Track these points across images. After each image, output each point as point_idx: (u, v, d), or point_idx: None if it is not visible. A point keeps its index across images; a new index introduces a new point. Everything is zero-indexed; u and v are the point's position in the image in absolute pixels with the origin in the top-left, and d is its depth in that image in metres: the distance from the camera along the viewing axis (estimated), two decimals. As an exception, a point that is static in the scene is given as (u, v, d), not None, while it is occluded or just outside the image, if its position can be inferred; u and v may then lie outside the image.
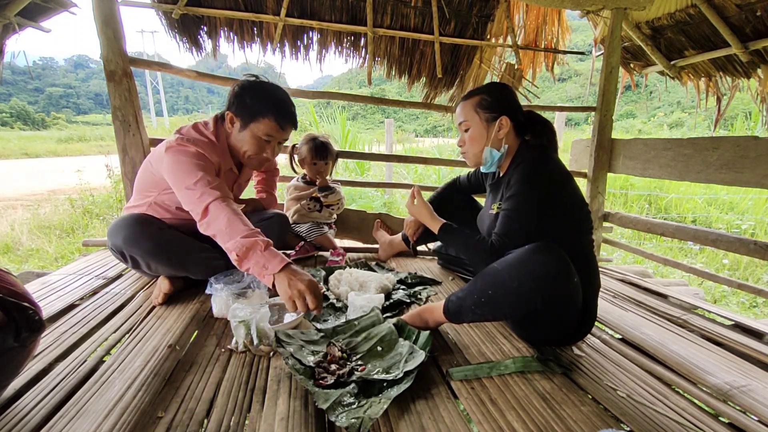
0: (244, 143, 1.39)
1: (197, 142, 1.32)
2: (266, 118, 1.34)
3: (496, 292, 1.01)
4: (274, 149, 1.45)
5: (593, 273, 1.15)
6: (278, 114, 1.36)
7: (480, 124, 1.23)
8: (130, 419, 0.80)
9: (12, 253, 3.80)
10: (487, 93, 1.24)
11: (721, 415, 0.93)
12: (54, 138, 20.15)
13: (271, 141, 1.40)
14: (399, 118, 29.24)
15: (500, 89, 1.27)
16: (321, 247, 2.05)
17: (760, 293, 1.95)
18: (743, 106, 8.86)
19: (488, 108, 1.22)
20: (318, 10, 2.35)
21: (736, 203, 4.93)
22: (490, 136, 1.22)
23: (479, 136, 1.24)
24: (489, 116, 1.22)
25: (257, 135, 1.37)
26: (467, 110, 1.25)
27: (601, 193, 2.46)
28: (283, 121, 1.37)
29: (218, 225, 1.17)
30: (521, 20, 2.56)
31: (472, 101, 1.24)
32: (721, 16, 2.18)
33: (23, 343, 0.79)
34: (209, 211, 1.19)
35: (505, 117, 1.20)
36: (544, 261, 0.97)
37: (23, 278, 1.84)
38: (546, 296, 0.97)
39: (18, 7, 1.76)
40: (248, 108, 1.35)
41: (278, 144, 1.46)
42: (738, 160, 1.76)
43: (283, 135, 1.41)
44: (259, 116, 1.34)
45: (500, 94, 1.24)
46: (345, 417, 0.81)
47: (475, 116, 1.23)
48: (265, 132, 1.36)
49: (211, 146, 1.36)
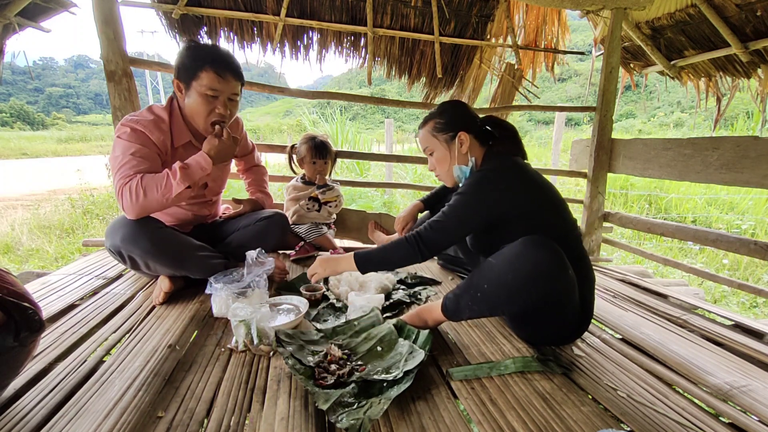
0: (194, 105, 1.38)
1: (138, 122, 1.34)
2: (204, 71, 1.32)
3: (491, 285, 1.01)
4: (225, 104, 1.39)
5: (584, 270, 1.14)
6: (215, 64, 1.33)
7: (441, 146, 1.26)
8: (130, 419, 0.80)
9: (12, 253, 3.80)
10: (439, 115, 1.27)
11: (721, 415, 0.93)
12: (54, 138, 20.18)
13: (218, 96, 1.37)
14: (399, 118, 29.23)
15: (451, 108, 1.30)
16: (321, 247, 2.05)
17: (760, 293, 1.95)
18: (743, 106, 8.86)
19: (443, 129, 1.25)
20: (318, 10, 2.35)
21: (736, 203, 4.93)
22: (453, 154, 1.25)
23: (444, 158, 1.27)
24: (447, 137, 1.25)
25: (201, 92, 1.35)
26: (426, 137, 1.29)
27: (601, 193, 2.46)
28: (222, 71, 1.34)
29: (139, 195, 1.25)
30: (521, 20, 2.56)
31: (428, 127, 1.28)
32: (721, 16, 2.18)
33: (23, 343, 0.79)
34: (122, 192, 1.26)
35: (463, 132, 1.22)
36: (537, 254, 0.97)
37: (23, 278, 1.84)
38: (541, 289, 0.98)
39: (18, 7, 1.77)
40: (187, 69, 1.34)
41: (230, 101, 1.41)
42: (738, 160, 1.76)
43: (227, 87, 1.37)
44: (197, 72, 1.33)
45: (452, 113, 1.27)
46: (345, 417, 0.81)
47: (434, 140, 1.27)
48: (208, 86, 1.34)
49: (154, 123, 1.36)
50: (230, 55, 1.41)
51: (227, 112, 1.40)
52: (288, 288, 1.54)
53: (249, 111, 46.17)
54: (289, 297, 1.37)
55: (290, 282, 1.59)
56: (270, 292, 1.47)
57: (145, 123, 1.35)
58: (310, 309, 1.35)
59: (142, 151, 1.31)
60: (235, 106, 1.46)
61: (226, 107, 1.40)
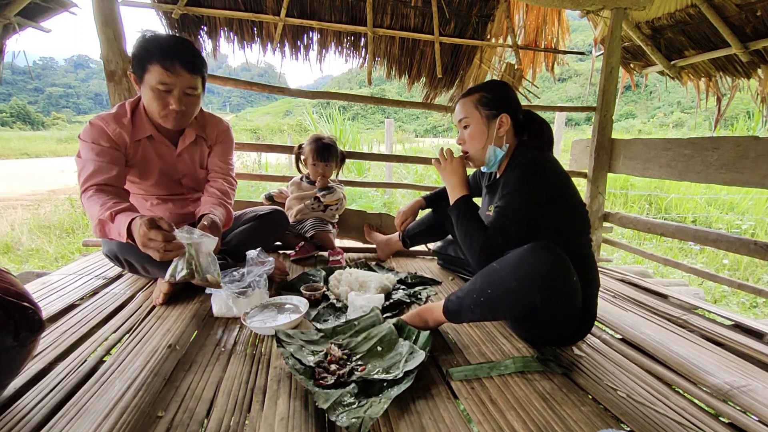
0: (147, 100, 1.32)
1: (100, 116, 1.33)
2: (152, 65, 1.25)
3: (494, 291, 1.00)
4: (180, 99, 1.30)
5: (592, 273, 1.14)
6: (161, 57, 1.24)
7: (481, 121, 1.21)
8: (130, 419, 0.80)
9: (12, 253, 3.80)
10: (488, 90, 1.22)
11: (721, 415, 0.93)
12: (54, 138, 20.16)
13: (171, 90, 1.28)
14: (399, 118, 29.24)
15: (501, 86, 1.26)
16: (321, 246, 2.05)
17: (760, 293, 1.94)
18: (743, 106, 8.86)
19: (489, 105, 1.20)
20: (318, 10, 2.35)
21: (736, 203, 4.93)
22: (491, 134, 1.20)
23: (480, 134, 1.21)
24: (489, 113, 1.20)
25: (152, 86, 1.28)
26: (467, 107, 1.23)
27: (601, 193, 2.45)
28: (169, 64, 1.25)
29: (88, 213, 1.23)
30: (521, 20, 2.56)
31: (473, 98, 1.22)
32: (721, 16, 2.18)
33: (23, 343, 0.79)
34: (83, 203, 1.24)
35: (506, 115, 1.19)
36: (542, 260, 0.96)
37: (23, 278, 1.84)
38: (545, 295, 0.97)
39: (18, 7, 1.76)
40: (138, 61, 1.28)
41: (186, 95, 1.32)
42: (738, 160, 1.76)
43: (179, 80, 1.28)
44: (147, 66, 1.26)
45: (501, 92, 1.23)
46: (345, 417, 0.81)
47: (475, 113, 1.21)
48: (157, 80, 1.26)
49: (114, 116, 1.34)
50: (184, 45, 1.31)
51: (182, 108, 1.31)
52: (288, 288, 1.55)
53: (249, 111, 46.20)
54: (289, 297, 1.37)
55: (290, 282, 1.59)
56: (270, 292, 1.47)
57: (105, 116, 1.33)
58: (310, 309, 1.35)
59: (96, 149, 1.28)
60: (192, 101, 1.36)
61: (181, 102, 1.31)
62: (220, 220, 1.35)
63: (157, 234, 1.02)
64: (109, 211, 1.13)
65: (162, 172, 1.47)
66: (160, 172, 1.46)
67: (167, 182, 1.50)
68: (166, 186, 1.50)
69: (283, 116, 34.12)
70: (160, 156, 1.45)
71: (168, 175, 1.49)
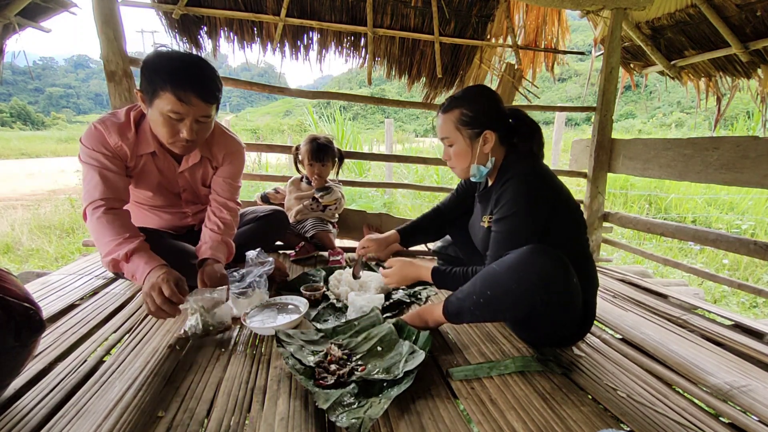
0: (155, 125, 1.21)
1: (103, 121, 1.26)
2: (164, 92, 1.13)
3: (494, 293, 1.00)
4: (191, 128, 1.19)
5: (592, 273, 1.15)
6: (175, 85, 1.12)
7: (463, 141, 1.17)
8: (131, 419, 0.80)
9: (12, 253, 3.80)
10: (468, 105, 1.15)
11: (721, 415, 0.93)
12: (54, 138, 20.15)
13: (183, 119, 1.18)
14: (399, 118, 29.23)
15: (480, 98, 1.18)
16: (321, 246, 2.05)
17: (760, 293, 1.94)
18: (743, 106, 8.86)
19: (470, 124, 1.15)
20: (318, 10, 2.35)
21: (736, 203, 4.93)
22: (474, 153, 1.16)
23: (464, 153, 1.18)
24: (472, 133, 1.15)
25: (163, 113, 1.16)
26: (449, 127, 1.18)
27: (601, 193, 2.45)
28: (182, 93, 1.13)
29: (93, 235, 1.20)
30: (521, 20, 2.56)
31: (453, 117, 1.17)
32: (721, 16, 2.18)
33: (23, 343, 0.80)
34: (86, 216, 1.21)
35: (489, 132, 1.14)
36: (542, 262, 0.96)
37: (23, 278, 1.84)
38: (545, 297, 0.97)
39: (18, 7, 1.77)
40: (149, 83, 1.16)
41: (198, 123, 1.21)
42: (738, 160, 1.76)
43: (192, 110, 1.17)
44: (158, 90, 1.14)
45: (481, 105, 1.16)
46: (345, 417, 0.81)
47: (457, 134, 1.17)
48: (169, 108, 1.14)
49: (119, 127, 1.26)
50: (199, 71, 1.18)
51: (194, 137, 1.21)
52: (288, 288, 1.55)
53: (249, 111, 46.16)
54: (289, 297, 1.37)
55: (290, 282, 1.59)
56: (270, 292, 1.47)
57: (108, 123, 1.25)
58: (310, 309, 1.35)
59: (98, 157, 1.23)
60: (204, 127, 1.25)
61: (192, 131, 1.20)
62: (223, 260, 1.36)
63: (164, 303, 1.03)
64: (123, 251, 1.12)
65: (161, 185, 1.42)
66: (159, 184, 1.42)
67: (166, 194, 1.46)
68: (165, 197, 1.46)
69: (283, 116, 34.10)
70: (161, 170, 1.40)
71: (167, 188, 1.45)
